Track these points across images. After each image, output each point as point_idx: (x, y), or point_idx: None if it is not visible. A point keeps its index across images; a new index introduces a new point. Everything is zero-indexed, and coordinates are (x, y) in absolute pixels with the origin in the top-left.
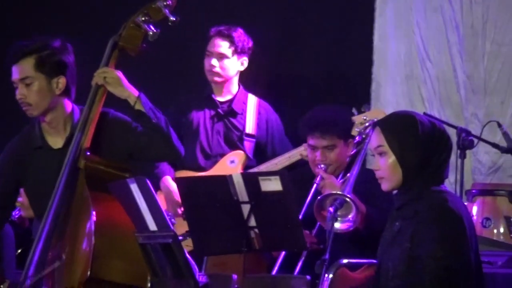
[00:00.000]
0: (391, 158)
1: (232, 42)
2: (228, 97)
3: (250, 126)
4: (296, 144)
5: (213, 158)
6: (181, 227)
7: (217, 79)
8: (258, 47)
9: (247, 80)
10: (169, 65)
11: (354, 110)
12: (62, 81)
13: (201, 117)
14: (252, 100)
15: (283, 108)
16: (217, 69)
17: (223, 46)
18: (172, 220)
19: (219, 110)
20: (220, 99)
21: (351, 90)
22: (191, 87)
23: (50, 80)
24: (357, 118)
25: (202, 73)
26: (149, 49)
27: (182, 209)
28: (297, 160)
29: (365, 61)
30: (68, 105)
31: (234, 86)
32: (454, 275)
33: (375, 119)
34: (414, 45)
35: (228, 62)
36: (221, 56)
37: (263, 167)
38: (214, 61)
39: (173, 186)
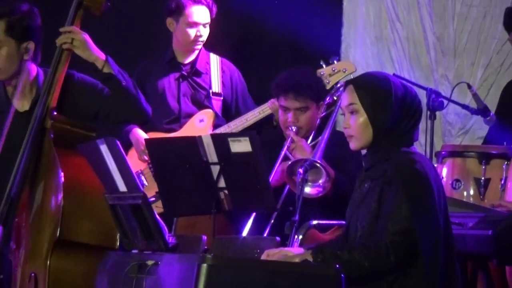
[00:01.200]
0: (363, 117)
1: (210, 8)
2: (191, 58)
3: (215, 85)
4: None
5: (182, 119)
6: (151, 189)
7: (199, 47)
8: (224, 8)
9: (213, 41)
10: (130, 30)
11: (322, 62)
12: (31, 46)
13: (166, 81)
14: (214, 59)
15: (251, 71)
16: (203, 39)
17: (209, 16)
18: (143, 181)
19: (183, 72)
20: (182, 61)
21: (321, 52)
22: (151, 52)
23: (20, 45)
24: (326, 70)
25: (163, 37)
26: (110, 7)
27: (147, 157)
28: (266, 116)
29: (335, 23)
30: (33, 68)
31: None
32: (419, 236)
33: (345, 70)
34: (384, 7)
35: (208, 28)
36: (206, 26)
37: (232, 124)
38: (203, 31)
39: (142, 135)
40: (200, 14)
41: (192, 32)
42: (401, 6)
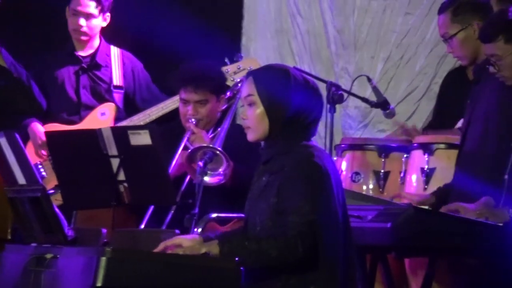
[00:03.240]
0: (259, 109)
1: (98, 1)
2: (90, 51)
3: (116, 78)
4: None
5: (82, 111)
6: (51, 181)
7: (83, 38)
8: (125, 3)
9: (113, 35)
10: (29, 22)
11: (226, 60)
12: None
13: (65, 74)
14: (115, 52)
15: (151, 65)
16: (85, 29)
17: (91, 6)
18: (42, 173)
19: (83, 65)
20: (82, 53)
21: (221, 45)
22: (52, 44)
23: None
24: (231, 68)
25: (64, 29)
26: None
27: (45, 152)
28: (171, 110)
29: (236, 16)
30: None
31: (96, 40)
32: (320, 229)
33: (250, 68)
34: (285, 0)
35: (94, 21)
36: (89, 16)
37: (135, 118)
38: (82, 21)
39: (39, 129)
40: (82, 4)
41: (73, 21)
42: None
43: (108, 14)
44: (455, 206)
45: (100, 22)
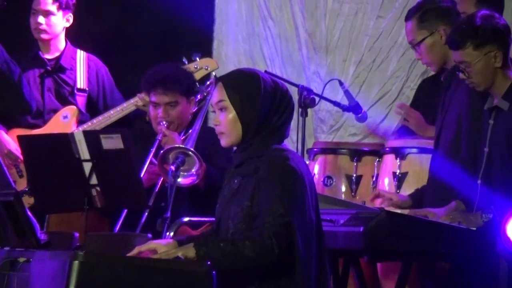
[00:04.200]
0: (232, 114)
1: None
2: (56, 54)
3: (80, 81)
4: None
5: (45, 114)
6: (22, 184)
7: (44, 36)
8: (96, 3)
9: (83, 37)
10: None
11: (184, 59)
12: None
13: (31, 76)
14: (80, 55)
15: (122, 68)
16: (44, 27)
17: (48, 3)
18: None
19: (48, 67)
20: (48, 56)
21: (193, 48)
22: (19, 47)
23: None
24: (189, 67)
25: (28, 32)
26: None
27: (8, 160)
28: (131, 111)
29: (207, 19)
30: None
31: (61, 43)
32: (294, 232)
33: (207, 67)
34: (256, 3)
35: (54, 18)
36: (47, 13)
37: (96, 120)
38: (41, 19)
39: (6, 139)
40: (40, 1)
41: (33, 20)
42: (273, 3)
43: (71, 14)
44: (424, 212)
45: (61, 20)
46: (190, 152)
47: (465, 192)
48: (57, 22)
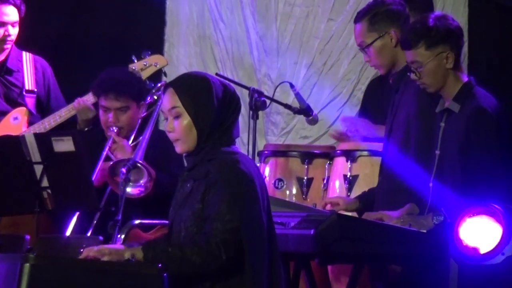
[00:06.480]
0: (186, 120)
1: (18, 7)
2: (1, 57)
3: (29, 82)
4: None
5: None
6: None
7: (9, 46)
8: (46, 6)
9: (32, 39)
10: None
11: (133, 57)
12: None
13: None
14: (26, 57)
15: (70, 70)
16: (13, 37)
17: (15, 14)
18: None
19: None
20: None
21: (144, 51)
22: None
23: None
24: (138, 65)
25: None
26: None
27: None
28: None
29: (158, 22)
30: None
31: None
32: (244, 236)
33: (156, 64)
34: (207, 6)
35: (17, 27)
36: (14, 24)
37: (46, 121)
38: (11, 29)
39: None
40: (7, 14)
41: (0, 31)
42: (224, 5)
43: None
44: (379, 215)
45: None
46: (139, 165)
47: (417, 194)
48: (17, 31)
